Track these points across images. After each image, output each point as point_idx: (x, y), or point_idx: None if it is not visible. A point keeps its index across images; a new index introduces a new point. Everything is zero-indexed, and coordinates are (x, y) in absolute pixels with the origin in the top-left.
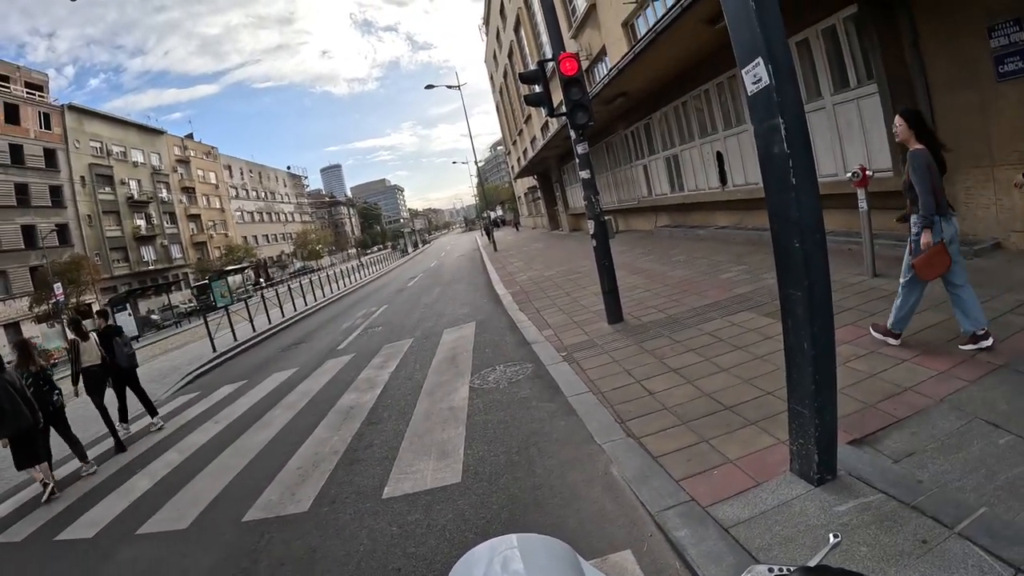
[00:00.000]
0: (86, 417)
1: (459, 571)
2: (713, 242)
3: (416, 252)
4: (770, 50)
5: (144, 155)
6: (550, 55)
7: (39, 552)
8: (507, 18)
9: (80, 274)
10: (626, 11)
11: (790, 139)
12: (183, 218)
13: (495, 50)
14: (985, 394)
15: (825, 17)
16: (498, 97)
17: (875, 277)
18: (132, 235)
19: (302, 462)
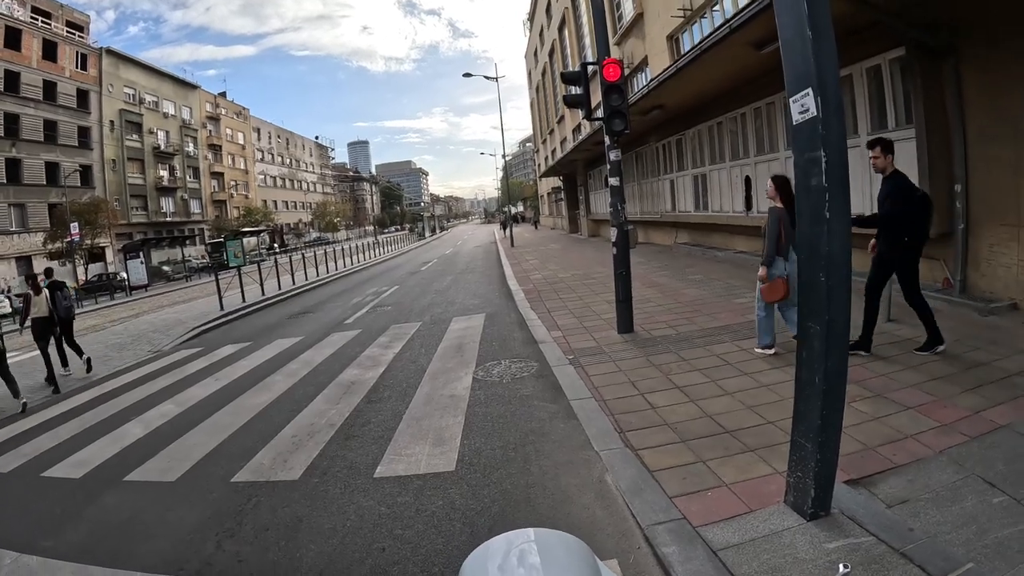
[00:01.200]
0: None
1: (474, 562)
2: (730, 265)
3: (433, 237)
4: (821, 82)
5: (175, 107)
6: (591, 58)
7: (24, 486)
8: (552, 17)
9: (98, 217)
10: (672, 24)
11: (830, 173)
12: (206, 174)
13: (536, 47)
14: (985, 452)
15: (872, 56)
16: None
17: (888, 321)
18: (154, 185)
19: (297, 431)
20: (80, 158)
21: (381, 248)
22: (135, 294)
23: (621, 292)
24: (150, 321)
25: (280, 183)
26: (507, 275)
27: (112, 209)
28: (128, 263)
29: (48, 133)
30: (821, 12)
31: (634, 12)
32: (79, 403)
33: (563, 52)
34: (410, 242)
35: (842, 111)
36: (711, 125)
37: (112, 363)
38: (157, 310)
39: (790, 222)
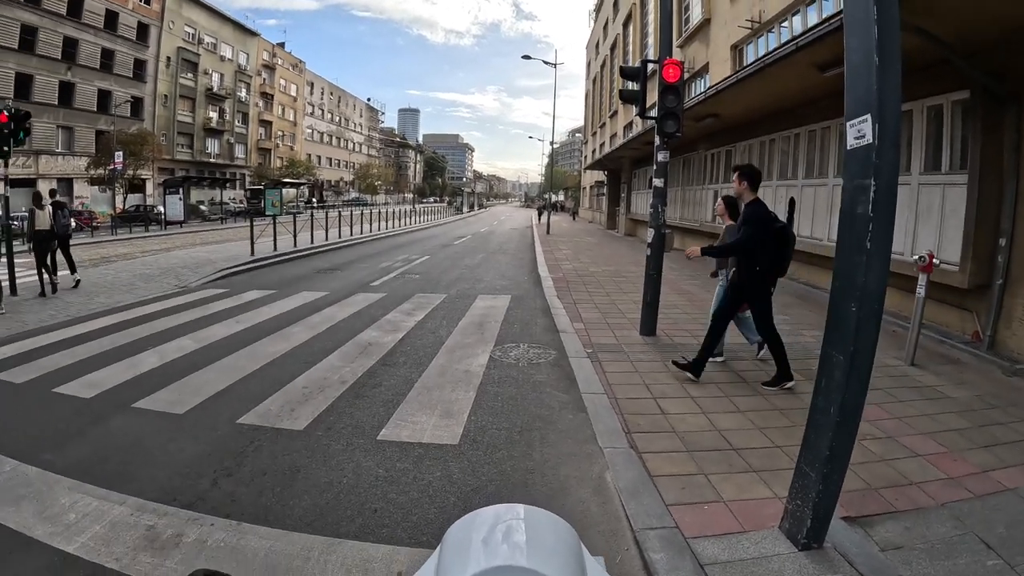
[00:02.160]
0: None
1: (459, 529)
2: None
3: (470, 213)
4: (881, 110)
5: (233, 52)
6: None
7: (35, 399)
8: (619, 11)
9: (143, 149)
10: (738, 35)
11: (877, 204)
12: (255, 121)
13: (599, 39)
14: (987, 512)
15: (935, 94)
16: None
17: (911, 366)
18: (202, 125)
19: (309, 383)
20: (133, 90)
21: (417, 217)
22: (170, 229)
23: (649, 294)
24: (180, 257)
25: (327, 139)
26: (538, 261)
27: (158, 143)
28: (167, 198)
29: (104, 61)
30: (891, 40)
31: (702, 17)
32: (100, 326)
33: (625, 48)
34: (447, 215)
35: (898, 142)
36: (763, 141)
37: (138, 292)
38: (189, 247)
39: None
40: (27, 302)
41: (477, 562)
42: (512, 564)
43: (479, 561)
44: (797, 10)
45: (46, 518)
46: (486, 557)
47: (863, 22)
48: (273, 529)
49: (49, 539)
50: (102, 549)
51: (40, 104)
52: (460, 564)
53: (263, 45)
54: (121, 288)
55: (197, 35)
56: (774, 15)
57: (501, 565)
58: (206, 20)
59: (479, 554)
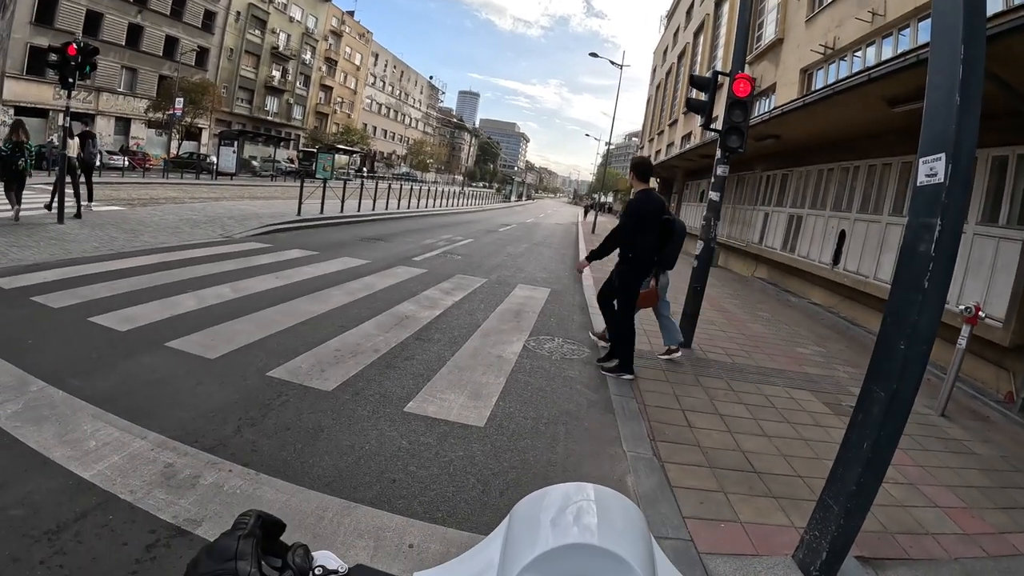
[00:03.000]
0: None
1: (527, 507)
2: (801, 313)
3: (517, 203)
4: (957, 150)
5: (303, 14)
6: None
7: (70, 325)
8: (692, 20)
9: (203, 98)
10: (809, 59)
11: (940, 244)
12: (316, 85)
13: (668, 45)
14: (999, 574)
15: (1001, 144)
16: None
17: (942, 416)
18: (263, 82)
19: (342, 346)
20: (200, 39)
21: (465, 199)
22: (220, 180)
23: (689, 306)
24: (228, 208)
25: (384, 112)
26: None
27: (219, 95)
28: (221, 149)
29: (176, 8)
30: (975, 81)
31: (774, 37)
32: (142, 264)
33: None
34: (494, 201)
35: (969, 186)
36: (820, 169)
37: (182, 236)
38: (237, 199)
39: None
40: (74, 231)
41: (546, 540)
42: (584, 542)
43: (548, 540)
44: (872, 41)
45: (66, 442)
46: (555, 536)
47: (949, 59)
48: (290, 484)
49: (66, 462)
50: (118, 480)
51: (107, 43)
52: (529, 540)
53: (333, 11)
54: (167, 230)
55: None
56: (848, 43)
57: (573, 543)
58: None
59: (548, 532)
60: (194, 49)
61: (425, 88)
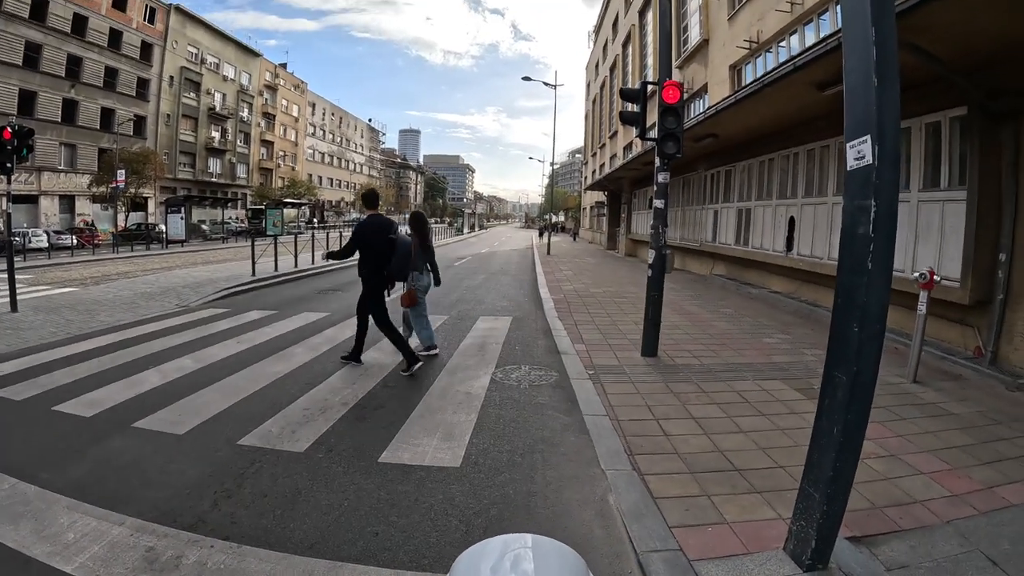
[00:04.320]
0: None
1: (468, 559)
2: (763, 304)
3: (471, 234)
4: (881, 130)
5: (235, 72)
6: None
7: (34, 417)
8: (618, 32)
9: (145, 167)
10: (737, 55)
11: (878, 224)
12: (256, 141)
13: (599, 59)
14: (992, 529)
15: (932, 112)
16: (589, 106)
17: (914, 383)
18: (204, 144)
19: (310, 404)
20: (136, 108)
21: None
22: (171, 248)
23: (650, 314)
24: (181, 276)
25: (328, 160)
26: (539, 282)
27: (160, 162)
28: (168, 216)
29: (108, 80)
30: (889, 61)
31: (700, 38)
32: (101, 344)
33: (624, 68)
34: (448, 236)
35: (898, 162)
36: (762, 161)
37: (139, 311)
38: (190, 266)
39: (421, 247)
40: (28, 319)
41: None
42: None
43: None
44: (795, 30)
45: (44, 537)
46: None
47: (862, 43)
48: (274, 552)
49: (48, 559)
50: (101, 570)
51: (43, 121)
52: None
53: (265, 66)
54: (122, 306)
55: (200, 55)
56: (772, 35)
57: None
58: (209, 40)
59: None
60: (131, 119)
61: (365, 132)
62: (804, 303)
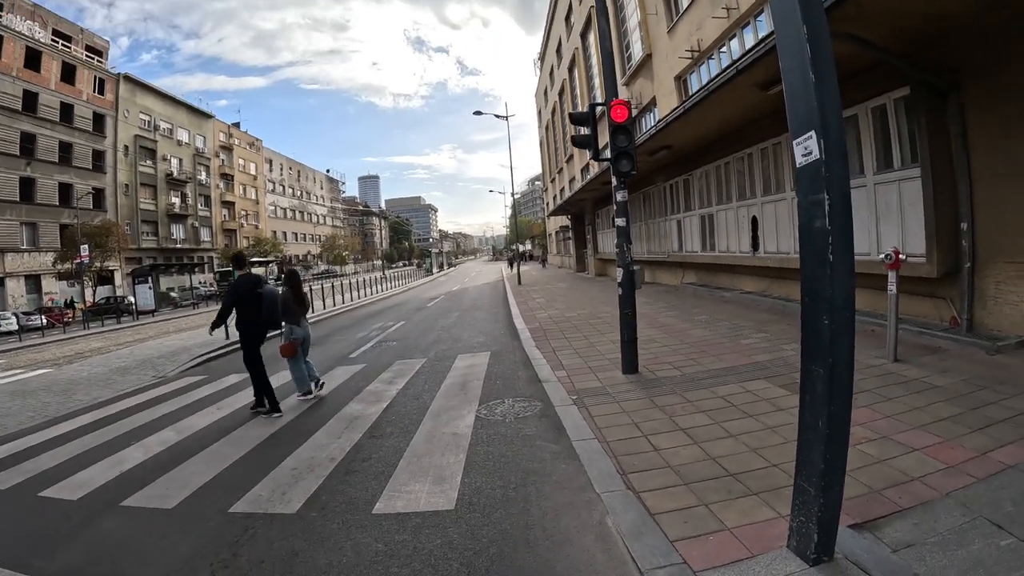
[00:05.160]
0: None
1: None
2: (737, 306)
3: (440, 274)
4: (824, 125)
5: (190, 136)
6: (600, 98)
7: (21, 504)
8: (563, 57)
9: (108, 240)
10: (681, 65)
11: (833, 216)
12: (217, 203)
13: (546, 86)
14: (992, 493)
15: (876, 96)
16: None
17: (895, 362)
18: (165, 211)
19: (297, 463)
20: (93, 181)
21: (388, 283)
22: (142, 319)
23: (626, 332)
24: (155, 347)
25: (290, 214)
26: (513, 313)
27: (123, 233)
28: (136, 287)
29: (63, 155)
30: (824, 56)
31: (643, 53)
32: (81, 424)
33: (573, 91)
34: (418, 277)
35: (845, 154)
36: (718, 165)
37: (116, 386)
38: (163, 336)
39: (294, 301)
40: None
41: None
42: None
43: None
44: (733, 34)
45: None
46: None
47: (795, 43)
48: None
49: None
50: None
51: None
52: None
53: (218, 126)
54: (99, 383)
55: (153, 121)
56: (712, 42)
57: None
58: (160, 106)
59: None
60: (89, 192)
61: (324, 183)
62: (777, 299)
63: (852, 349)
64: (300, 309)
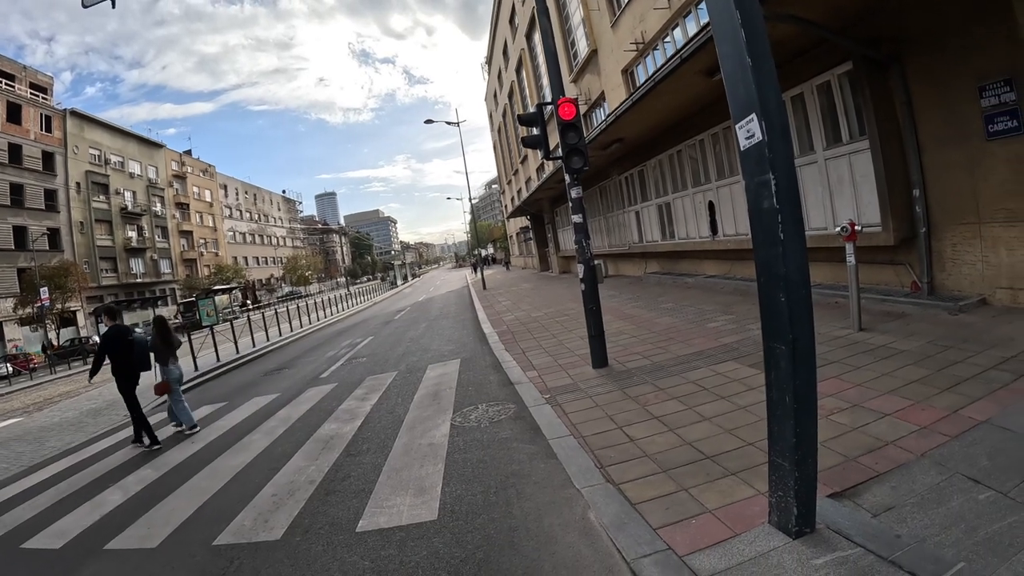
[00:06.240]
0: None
1: None
2: (701, 291)
3: (405, 285)
4: (764, 107)
5: (141, 167)
6: (549, 98)
7: (4, 558)
8: (509, 59)
9: (67, 280)
10: (627, 58)
11: (780, 195)
12: (175, 233)
13: (496, 89)
14: (966, 449)
15: (820, 73)
16: (496, 136)
17: (861, 331)
18: (123, 246)
19: (277, 489)
20: (48, 221)
21: (354, 299)
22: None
23: (593, 327)
24: None
25: (250, 239)
26: (480, 318)
27: (82, 272)
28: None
29: (15, 197)
30: (758, 39)
31: (588, 49)
32: (57, 471)
33: (522, 93)
34: (382, 291)
35: (788, 134)
36: (671, 154)
37: (88, 430)
38: None
39: (163, 344)
40: None
41: None
42: None
43: None
44: (676, 24)
45: None
46: None
47: (730, 29)
48: None
49: None
50: None
51: None
52: None
53: (170, 155)
54: (71, 428)
55: (103, 155)
56: (656, 33)
57: None
58: (109, 139)
59: None
60: (44, 233)
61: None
62: (740, 281)
63: (812, 324)
64: (169, 351)
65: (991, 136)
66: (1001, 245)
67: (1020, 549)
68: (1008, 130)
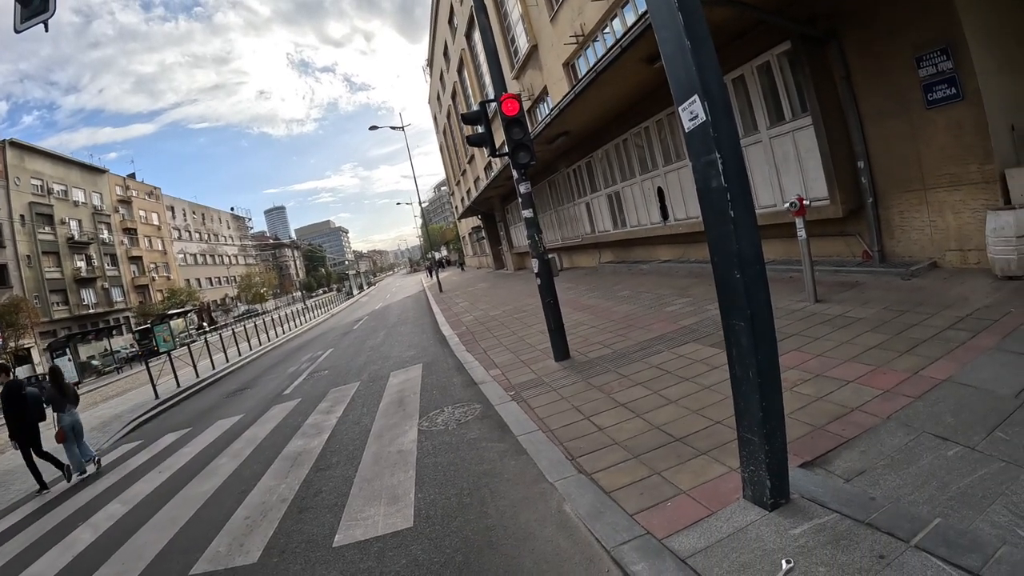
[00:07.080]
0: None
1: None
2: (657, 276)
3: (361, 294)
4: (706, 88)
5: (85, 194)
6: (492, 96)
7: None
8: (450, 60)
9: (18, 317)
10: (567, 52)
11: (727, 173)
12: (124, 260)
13: (439, 91)
14: (931, 408)
15: (760, 54)
16: (442, 138)
17: (817, 303)
18: (72, 277)
19: (250, 511)
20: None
21: (311, 313)
22: None
23: (552, 320)
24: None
25: (201, 260)
26: (439, 321)
27: (32, 307)
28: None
29: None
30: (696, 21)
31: (528, 45)
32: (25, 514)
33: (465, 93)
34: (339, 302)
35: (731, 113)
36: (617, 143)
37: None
38: (91, 407)
39: (59, 393)
40: None
41: None
42: None
43: None
44: (615, 14)
45: None
46: None
47: (667, 13)
48: None
49: None
50: None
51: None
52: None
53: (113, 180)
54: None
55: (46, 185)
56: (595, 24)
57: None
58: (51, 168)
59: None
60: None
61: (230, 221)
62: (694, 263)
63: (768, 298)
64: (64, 400)
65: (930, 105)
66: (947, 209)
67: (994, 500)
68: (947, 97)
